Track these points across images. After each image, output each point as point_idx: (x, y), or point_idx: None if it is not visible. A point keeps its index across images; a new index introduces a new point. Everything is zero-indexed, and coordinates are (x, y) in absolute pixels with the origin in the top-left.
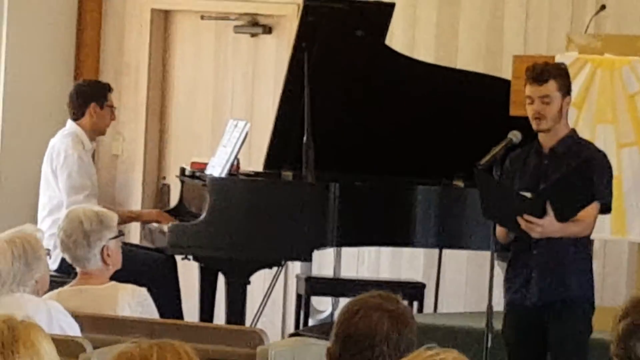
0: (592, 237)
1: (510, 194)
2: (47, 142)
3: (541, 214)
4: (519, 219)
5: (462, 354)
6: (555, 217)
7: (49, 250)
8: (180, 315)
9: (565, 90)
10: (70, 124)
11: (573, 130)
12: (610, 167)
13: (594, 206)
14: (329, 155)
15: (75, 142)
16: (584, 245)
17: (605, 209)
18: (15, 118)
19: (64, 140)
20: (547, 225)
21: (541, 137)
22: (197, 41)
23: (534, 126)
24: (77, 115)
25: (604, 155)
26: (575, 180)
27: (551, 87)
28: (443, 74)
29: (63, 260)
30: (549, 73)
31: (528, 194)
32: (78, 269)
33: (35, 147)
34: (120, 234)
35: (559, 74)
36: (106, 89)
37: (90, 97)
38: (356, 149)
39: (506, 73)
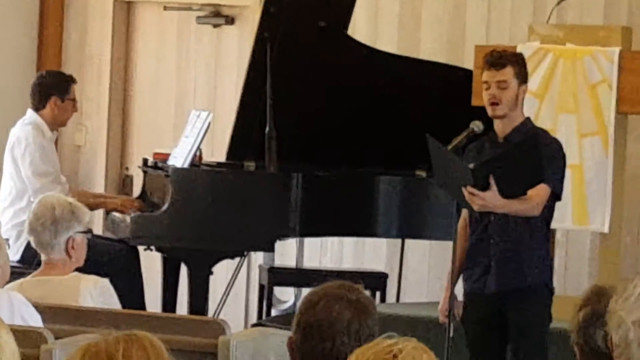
0: (554, 226)
1: (455, 163)
2: (8, 134)
3: (484, 186)
4: (463, 190)
5: (423, 344)
6: (499, 192)
7: (7, 240)
8: (142, 306)
9: (522, 78)
10: (30, 113)
11: (528, 119)
12: (563, 156)
13: (544, 188)
14: (291, 146)
15: (36, 131)
16: (541, 233)
17: (556, 196)
18: None
19: (25, 129)
20: (488, 199)
21: (496, 125)
22: (160, 32)
23: (489, 112)
24: (38, 106)
25: (558, 143)
26: (519, 157)
27: (508, 72)
28: (406, 65)
29: (25, 251)
30: (507, 59)
31: (471, 165)
32: (42, 258)
33: None
34: (89, 230)
35: (516, 61)
36: (69, 81)
37: (51, 90)
38: (319, 139)
39: (468, 63)
